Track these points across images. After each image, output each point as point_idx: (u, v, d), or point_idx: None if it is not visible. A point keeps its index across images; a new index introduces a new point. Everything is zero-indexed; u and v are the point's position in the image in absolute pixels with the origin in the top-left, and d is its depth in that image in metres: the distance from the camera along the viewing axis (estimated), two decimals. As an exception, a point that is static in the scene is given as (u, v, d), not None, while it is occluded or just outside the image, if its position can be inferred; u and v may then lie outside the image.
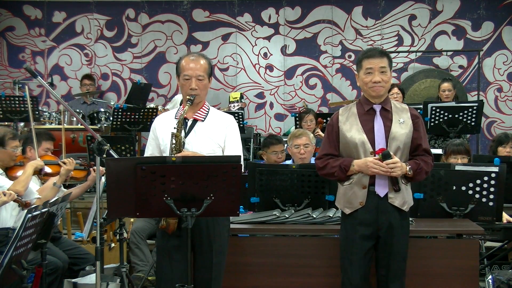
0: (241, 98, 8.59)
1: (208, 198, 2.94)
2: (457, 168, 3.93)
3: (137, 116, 6.87)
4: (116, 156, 4.33)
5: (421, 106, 6.24)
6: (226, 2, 8.98)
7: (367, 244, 3.24)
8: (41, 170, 4.33)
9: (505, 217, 4.17)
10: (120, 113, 6.83)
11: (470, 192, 3.86)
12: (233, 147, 3.33)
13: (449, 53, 8.72)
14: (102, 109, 7.68)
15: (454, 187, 3.87)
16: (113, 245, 5.25)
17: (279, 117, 9.02)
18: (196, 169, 2.93)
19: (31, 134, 4.60)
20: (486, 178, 3.84)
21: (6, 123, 6.67)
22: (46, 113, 7.47)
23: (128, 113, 6.84)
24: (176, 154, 3.14)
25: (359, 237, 3.23)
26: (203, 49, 8.84)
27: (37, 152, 4.54)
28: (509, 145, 4.96)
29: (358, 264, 3.24)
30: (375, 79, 3.21)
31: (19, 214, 4.12)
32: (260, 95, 9.04)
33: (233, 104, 7.88)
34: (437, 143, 6.42)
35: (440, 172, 3.88)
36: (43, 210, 3.33)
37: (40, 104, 8.55)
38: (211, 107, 3.44)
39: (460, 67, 8.72)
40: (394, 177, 3.20)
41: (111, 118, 7.03)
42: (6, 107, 6.72)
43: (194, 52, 3.52)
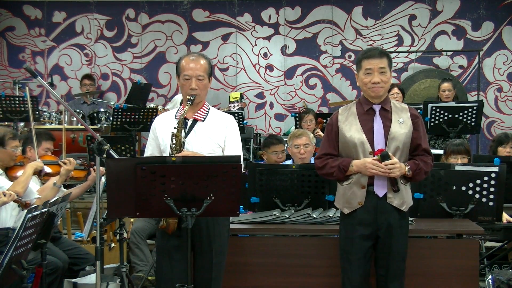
0: (241, 98, 8.59)
1: (208, 198, 2.94)
2: (457, 168, 3.92)
3: (137, 116, 6.87)
4: (116, 156, 4.33)
5: (421, 106, 6.24)
6: (226, 2, 8.98)
7: (366, 244, 3.24)
8: (41, 171, 4.33)
9: (505, 217, 4.17)
10: (120, 113, 6.83)
11: (470, 192, 3.86)
12: (233, 147, 3.33)
13: (449, 53, 8.72)
14: (102, 109, 7.68)
15: (454, 187, 3.86)
16: (113, 245, 5.25)
17: (279, 117, 9.01)
18: (196, 169, 2.93)
19: (31, 134, 4.60)
20: (486, 178, 3.84)
21: (6, 123, 6.67)
22: (46, 113, 7.47)
23: (128, 113, 6.84)
24: (176, 154, 3.14)
25: (358, 237, 3.23)
26: (203, 49, 8.83)
27: (37, 152, 4.54)
28: (509, 145, 4.96)
29: (358, 264, 3.24)
30: (374, 80, 3.21)
31: (19, 214, 4.12)
32: (260, 95, 9.03)
33: (233, 104, 7.87)
34: (437, 143, 6.42)
35: (440, 172, 3.88)
36: (43, 210, 3.33)
37: (40, 104, 8.55)
38: (211, 107, 3.45)
39: (460, 67, 8.72)
40: (393, 178, 3.20)
41: (111, 118, 7.03)
42: (6, 107, 6.72)
43: (194, 52, 3.52)
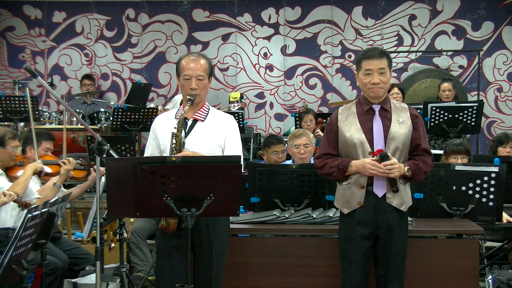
0: (241, 98, 8.59)
1: (208, 198, 2.94)
2: (457, 168, 3.92)
3: (137, 116, 6.87)
4: (116, 156, 4.33)
5: (421, 106, 6.24)
6: (226, 2, 8.97)
7: (366, 244, 3.24)
8: (41, 172, 4.33)
9: (505, 217, 4.17)
10: (120, 113, 6.83)
11: (470, 192, 3.85)
12: (233, 147, 3.33)
13: (449, 53, 8.72)
14: (102, 109, 7.68)
15: (454, 187, 3.86)
16: (113, 245, 5.25)
17: (279, 117, 9.01)
18: (196, 169, 2.93)
19: (31, 134, 4.60)
20: (486, 178, 3.84)
21: (6, 123, 6.67)
22: (46, 113, 7.46)
23: (128, 113, 6.84)
24: (176, 154, 3.14)
25: (358, 237, 3.23)
26: (203, 49, 8.83)
27: (37, 152, 4.54)
28: (509, 145, 4.96)
29: (357, 264, 3.24)
30: (374, 81, 3.21)
31: (19, 214, 4.13)
32: (260, 95, 9.03)
33: (233, 104, 7.87)
34: (437, 143, 6.42)
35: (440, 172, 3.88)
36: (43, 210, 3.33)
37: (40, 104, 8.55)
38: (211, 107, 3.45)
39: (460, 67, 8.72)
40: (392, 178, 3.19)
41: (111, 118, 7.03)
42: (6, 107, 6.72)
43: (194, 52, 3.52)
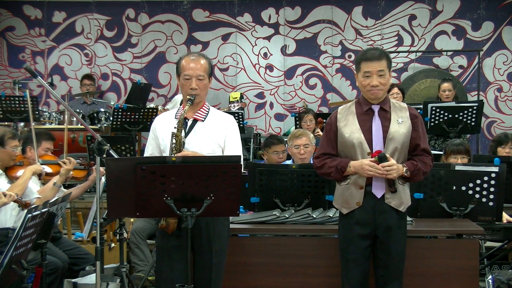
0: (241, 98, 8.59)
1: (208, 198, 2.94)
2: (457, 168, 3.92)
3: (137, 116, 6.87)
4: (116, 156, 4.33)
5: (421, 106, 6.24)
6: (226, 2, 8.97)
7: (364, 243, 3.23)
8: (40, 175, 4.34)
9: (505, 217, 4.17)
10: (120, 113, 6.83)
11: (470, 192, 3.85)
12: (233, 147, 3.33)
13: (449, 53, 8.71)
14: (102, 109, 7.68)
15: (454, 187, 3.86)
16: (113, 245, 5.25)
17: (279, 117, 9.01)
18: (196, 169, 2.93)
19: (31, 134, 4.60)
20: (486, 178, 3.84)
21: (6, 123, 6.67)
22: (46, 113, 7.47)
23: (128, 113, 6.84)
24: (176, 154, 3.14)
25: (356, 237, 3.23)
26: (203, 49, 8.83)
27: (37, 152, 4.54)
28: (508, 146, 4.95)
29: (356, 264, 3.24)
30: (373, 83, 3.20)
31: (19, 214, 4.13)
32: (260, 95, 9.03)
33: (233, 104, 7.87)
34: (437, 143, 6.42)
35: (440, 172, 3.88)
36: (43, 210, 3.33)
37: (40, 104, 8.55)
38: (211, 107, 3.44)
39: (460, 67, 8.72)
40: (391, 179, 3.19)
41: (111, 118, 7.03)
42: (6, 107, 6.72)
43: (194, 52, 3.52)
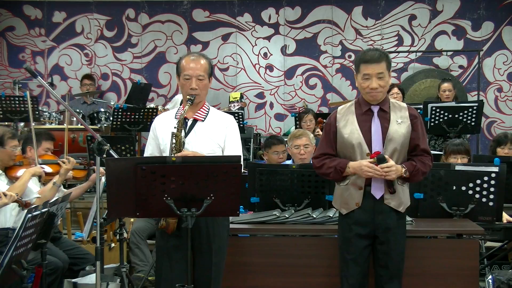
0: (241, 98, 8.59)
1: (208, 198, 2.94)
2: (457, 168, 3.92)
3: (137, 116, 6.87)
4: (116, 156, 4.33)
5: (421, 106, 6.24)
6: (226, 2, 8.97)
7: (363, 243, 3.23)
8: (40, 177, 4.34)
9: (505, 217, 4.16)
10: (120, 113, 6.83)
11: (470, 192, 3.85)
12: (233, 147, 3.33)
13: (449, 53, 8.71)
14: (102, 109, 7.68)
15: (454, 187, 3.86)
16: (113, 245, 5.25)
17: (279, 117, 9.01)
18: (196, 169, 2.93)
19: (31, 134, 4.60)
20: (486, 178, 3.83)
21: (6, 123, 6.67)
22: (46, 113, 7.47)
23: (128, 113, 6.84)
24: (176, 154, 3.14)
25: (355, 236, 3.23)
26: (203, 49, 8.83)
27: (37, 152, 4.54)
28: (508, 147, 4.94)
29: (355, 263, 3.23)
30: (372, 86, 3.18)
31: (19, 214, 4.13)
32: (260, 95, 9.03)
33: (233, 104, 7.88)
34: (437, 143, 6.42)
35: (440, 172, 3.87)
36: (43, 210, 3.33)
37: (40, 104, 8.55)
38: (211, 107, 3.44)
39: (460, 67, 8.72)
40: (390, 180, 3.18)
41: (111, 118, 7.03)
42: (6, 107, 6.72)
43: (195, 52, 3.52)
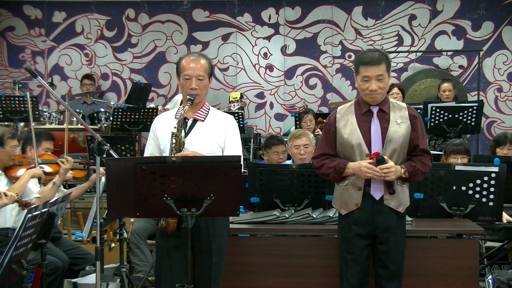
0: (241, 98, 8.59)
1: (208, 198, 2.94)
2: (457, 168, 3.91)
3: (137, 116, 6.87)
4: (116, 156, 4.33)
5: (421, 106, 6.24)
6: (226, 2, 8.97)
7: (363, 243, 3.23)
8: (40, 179, 4.34)
9: (505, 217, 4.16)
10: (120, 113, 6.83)
11: (470, 192, 3.85)
12: (233, 147, 3.33)
13: (449, 53, 8.71)
14: (102, 109, 7.68)
15: (454, 187, 3.86)
16: (113, 245, 5.25)
17: (279, 117, 9.01)
18: (196, 169, 2.93)
19: (31, 134, 4.61)
20: (486, 178, 3.83)
21: (6, 123, 6.67)
22: (46, 113, 7.47)
23: (128, 113, 6.84)
24: (176, 154, 3.14)
25: (354, 236, 3.23)
26: (203, 49, 8.82)
27: (37, 152, 4.54)
28: (507, 147, 4.93)
29: (354, 263, 3.23)
30: (372, 88, 3.17)
31: (19, 214, 4.13)
32: (260, 95, 9.03)
33: (233, 104, 7.87)
34: (437, 144, 6.42)
35: (440, 172, 3.87)
36: (43, 210, 3.33)
37: (40, 104, 8.55)
38: (211, 107, 3.44)
39: (460, 67, 8.72)
40: (389, 181, 3.19)
41: (111, 118, 7.03)
42: (6, 107, 6.72)
43: (195, 52, 3.52)
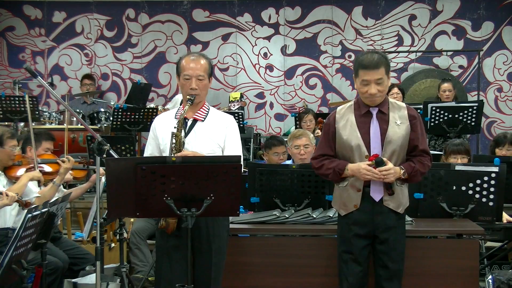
0: (241, 98, 8.59)
1: (208, 198, 2.94)
2: (457, 168, 3.91)
3: (137, 116, 6.87)
4: (116, 156, 4.33)
5: (421, 106, 6.24)
6: (226, 2, 8.97)
7: (363, 243, 3.23)
8: (39, 182, 4.34)
9: (505, 217, 4.16)
10: (120, 113, 6.83)
11: (470, 192, 3.85)
12: (233, 147, 3.33)
13: (449, 53, 8.71)
14: (102, 109, 7.69)
15: (454, 187, 3.86)
16: (113, 245, 5.25)
17: (279, 117, 9.01)
18: (196, 169, 2.93)
19: (31, 134, 4.61)
20: (486, 178, 3.83)
21: (6, 123, 6.67)
22: (46, 113, 7.47)
23: (128, 113, 6.84)
24: (176, 154, 3.14)
25: (353, 236, 3.23)
26: (203, 49, 8.83)
27: (37, 152, 4.54)
28: (506, 147, 4.93)
29: (354, 263, 3.23)
30: (371, 92, 3.16)
31: (19, 214, 4.13)
32: (260, 95, 9.03)
33: (233, 104, 7.87)
34: (437, 144, 6.42)
35: (440, 172, 3.87)
36: (43, 210, 3.33)
37: (40, 104, 8.55)
38: (211, 107, 3.44)
39: (460, 67, 8.72)
40: (388, 182, 3.18)
41: (111, 118, 7.03)
42: (6, 107, 6.72)
43: (195, 52, 3.52)
